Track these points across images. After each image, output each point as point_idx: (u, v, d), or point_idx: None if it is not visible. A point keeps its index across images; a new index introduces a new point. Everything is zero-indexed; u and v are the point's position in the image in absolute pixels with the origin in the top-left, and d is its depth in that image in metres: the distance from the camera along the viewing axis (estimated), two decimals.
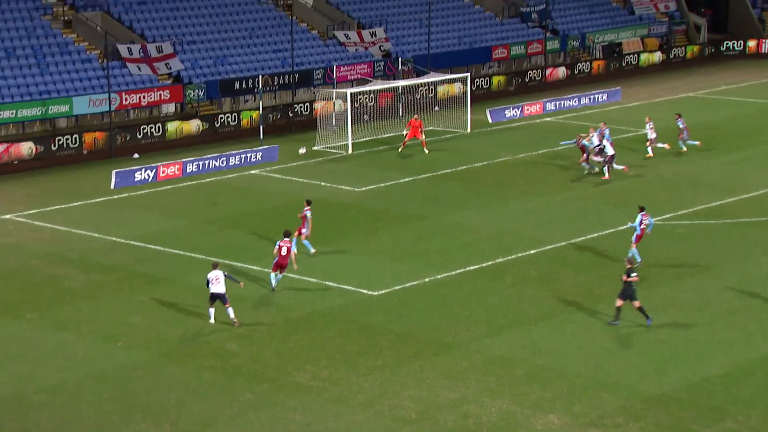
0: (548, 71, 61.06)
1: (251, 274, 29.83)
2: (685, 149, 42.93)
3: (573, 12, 67.75)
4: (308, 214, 31.21)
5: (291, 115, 50.78)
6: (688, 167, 41.17)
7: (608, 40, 66.09)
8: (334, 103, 48.78)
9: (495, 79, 58.91)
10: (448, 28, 61.29)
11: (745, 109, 52.88)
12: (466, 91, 49.50)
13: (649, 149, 41.54)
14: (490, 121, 50.01)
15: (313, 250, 31.04)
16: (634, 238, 30.11)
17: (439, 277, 29.61)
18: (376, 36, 57.03)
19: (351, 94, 46.43)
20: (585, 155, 39.72)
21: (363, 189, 39.13)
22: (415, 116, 44.83)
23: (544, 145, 44.91)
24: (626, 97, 55.54)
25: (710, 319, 26.48)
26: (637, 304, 25.67)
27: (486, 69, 60.79)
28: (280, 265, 28.42)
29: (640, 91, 58.07)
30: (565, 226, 33.86)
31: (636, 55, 65.72)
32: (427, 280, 29.40)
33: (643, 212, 30.11)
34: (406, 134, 44.18)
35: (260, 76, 49.21)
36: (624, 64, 64.99)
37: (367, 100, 51.02)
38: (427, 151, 43.74)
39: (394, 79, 53.59)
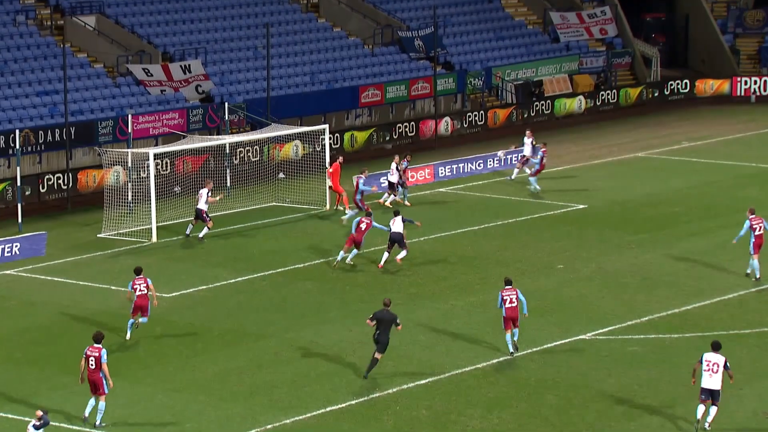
0: (439, 121, 62.43)
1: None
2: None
3: (473, 38, 69.57)
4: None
5: (66, 186, 50.39)
6: (639, 259, 42.38)
7: (524, 77, 68.12)
8: (128, 170, 48.67)
9: (364, 133, 59.85)
10: (296, 59, 62.16)
11: (713, 174, 54.75)
12: (324, 151, 50.06)
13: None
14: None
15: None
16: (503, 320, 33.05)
17: (288, 422, 29.59)
18: (190, 71, 57.40)
19: (154, 155, 46.47)
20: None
21: (174, 294, 38.99)
22: (339, 159, 48.34)
23: (441, 226, 45.62)
24: (552, 157, 56.97)
25: None
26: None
27: (351, 118, 61.76)
28: (93, 385, 28.32)
29: (571, 148, 59.67)
30: (470, 344, 34.28)
31: (554, 101, 67.66)
32: (269, 426, 29.35)
33: (509, 286, 33.03)
34: (331, 186, 46.92)
35: (17, 131, 48.82)
36: (546, 111, 66.98)
37: (176, 164, 51.10)
38: (340, 209, 46.57)
39: (218, 133, 53.85)
